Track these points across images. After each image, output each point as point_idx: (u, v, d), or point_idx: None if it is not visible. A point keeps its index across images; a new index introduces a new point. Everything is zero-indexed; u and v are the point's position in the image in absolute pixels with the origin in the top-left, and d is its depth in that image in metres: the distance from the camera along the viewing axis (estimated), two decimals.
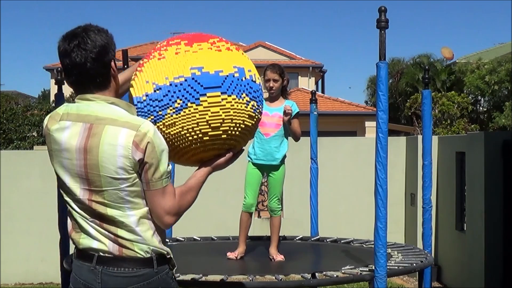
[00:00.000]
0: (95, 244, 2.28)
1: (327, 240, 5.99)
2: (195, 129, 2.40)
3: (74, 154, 2.24)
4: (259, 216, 9.75)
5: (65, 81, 2.40)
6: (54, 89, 11.43)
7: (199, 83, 2.39)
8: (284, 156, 5.02)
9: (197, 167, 2.53)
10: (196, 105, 2.39)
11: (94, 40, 2.25)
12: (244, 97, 2.47)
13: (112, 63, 2.30)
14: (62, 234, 5.02)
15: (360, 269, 4.39)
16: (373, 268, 4.13)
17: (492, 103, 23.50)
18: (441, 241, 9.06)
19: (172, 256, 2.38)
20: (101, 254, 2.27)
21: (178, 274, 4.08)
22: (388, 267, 4.20)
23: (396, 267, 4.59)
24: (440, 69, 28.16)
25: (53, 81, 17.71)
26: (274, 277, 4.27)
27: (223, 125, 2.42)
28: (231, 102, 2.42)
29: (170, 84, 2.39)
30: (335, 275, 4.24)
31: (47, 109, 19.76)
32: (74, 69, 2.25)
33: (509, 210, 7.14)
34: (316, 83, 34.18)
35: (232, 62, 2.47)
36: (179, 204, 2.32)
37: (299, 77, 32.11)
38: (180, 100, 2.38)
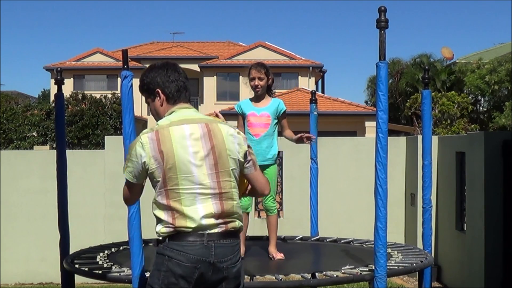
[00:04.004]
0: None
1: (327, 240, 5.99)
2: None
3: (200, 141, 2.98)
4: (259, 216, 9.75)
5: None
6: (54, 89, 11.41)
7: None
8: (276, 155, 5.00)
9: None
10: None
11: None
12: None
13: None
14: (62, 234, 5.01)
15: (360, 269, 4.39)
16: (373, 268, 4.13)
17: (492, 103, 23.50)
18: (441, 241, 9.06)
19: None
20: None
21: None
22: (388, 267, 4.20)
23: (396, 267, 4.59)
24: (440, 69, 28.16)
25: (53, 81, 17.69)
26: (274, 277, 4.27)
27: None
28: None
29: None
30: (335, 275, 4.24)
31: (47, 109, 19.77)
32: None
33: (509, 210, 7.14)
34: (316, 83, 34.18)
35: None
36: None
37: (299, 77, 32.10)
38: None
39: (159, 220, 2.99)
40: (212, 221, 2.93)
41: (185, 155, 2.95)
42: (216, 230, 2.93)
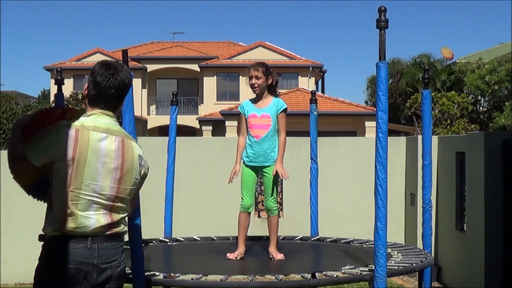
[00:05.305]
0: None
1: (327, 240, 5.98)
2: None
3: (113, 153, 3.04)
4: (259, 216, 9.75)
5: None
6: (54, 89, 11.42)
7: None
8: (277, 155, 4.97)
9: None
10: None
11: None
12: None
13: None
14: None
15: (360, 269, 4.38)
16: (373, 268, 4.12)
17: (492, 103, 23.51)
18: (441, 241, 9.06)
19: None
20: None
21: (178, 274, 4.08)
22: (388, 267, 4.19)
23: (396, 267, 4.58)
24: (440, 69, 28.18)
25: (53, 81, 17.69)
26: (274, 277, 4.26)
27: None
28: None
29: None
30: (335, 275, 4.24)
31: None
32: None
33: (509, 210, 7.14)
34: (316, 83, 34.20)
35: None
36: None
37: (299, 77, 32.13)
38: None
39: (48, 216, 3.14)
40: (99, 228, 3.04)
41: (95, 163, 3.00)
42: (101, 235, 3.05)
